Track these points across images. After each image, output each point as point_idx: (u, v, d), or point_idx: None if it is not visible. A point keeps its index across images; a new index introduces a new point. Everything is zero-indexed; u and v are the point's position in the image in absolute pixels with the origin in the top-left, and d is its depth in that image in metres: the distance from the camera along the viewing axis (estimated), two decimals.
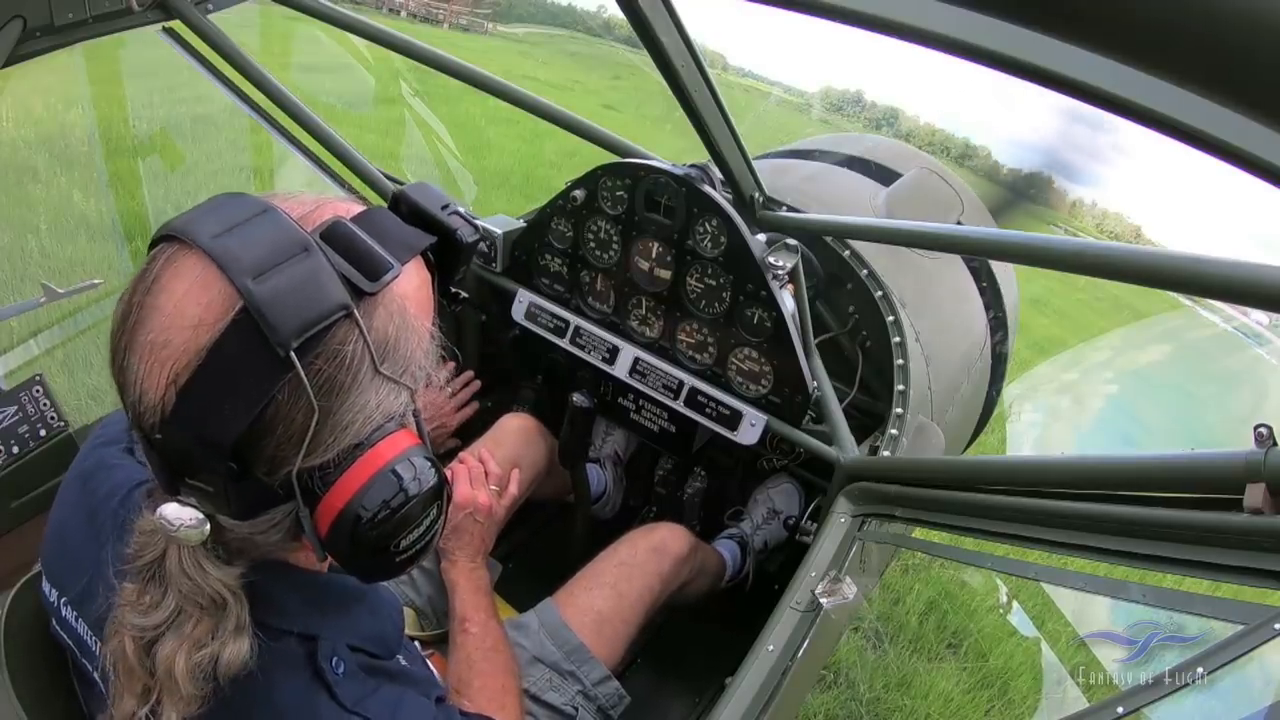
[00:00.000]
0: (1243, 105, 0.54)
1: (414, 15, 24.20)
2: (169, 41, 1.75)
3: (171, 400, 0.54)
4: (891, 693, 2.61)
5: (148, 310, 0.55)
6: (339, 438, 0.58)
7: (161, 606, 0.61)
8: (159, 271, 0.56)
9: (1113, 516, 0.97)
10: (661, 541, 1.53)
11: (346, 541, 0.60)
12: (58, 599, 0.78)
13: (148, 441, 0.57)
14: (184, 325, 0.54)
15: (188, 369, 0.53)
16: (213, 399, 0.54)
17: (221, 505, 0.59)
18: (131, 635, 0.61)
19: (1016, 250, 1.26)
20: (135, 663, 0.61)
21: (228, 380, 0.54)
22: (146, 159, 5.01)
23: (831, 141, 2.95)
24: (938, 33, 0.68)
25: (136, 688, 0.62)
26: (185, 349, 0.53)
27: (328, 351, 0.56)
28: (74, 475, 0.83)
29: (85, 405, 2.88)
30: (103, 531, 0.72)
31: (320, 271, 0.56)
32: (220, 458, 0.55)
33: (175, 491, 0.59)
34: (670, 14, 1.19)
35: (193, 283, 0.54)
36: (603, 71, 17.70)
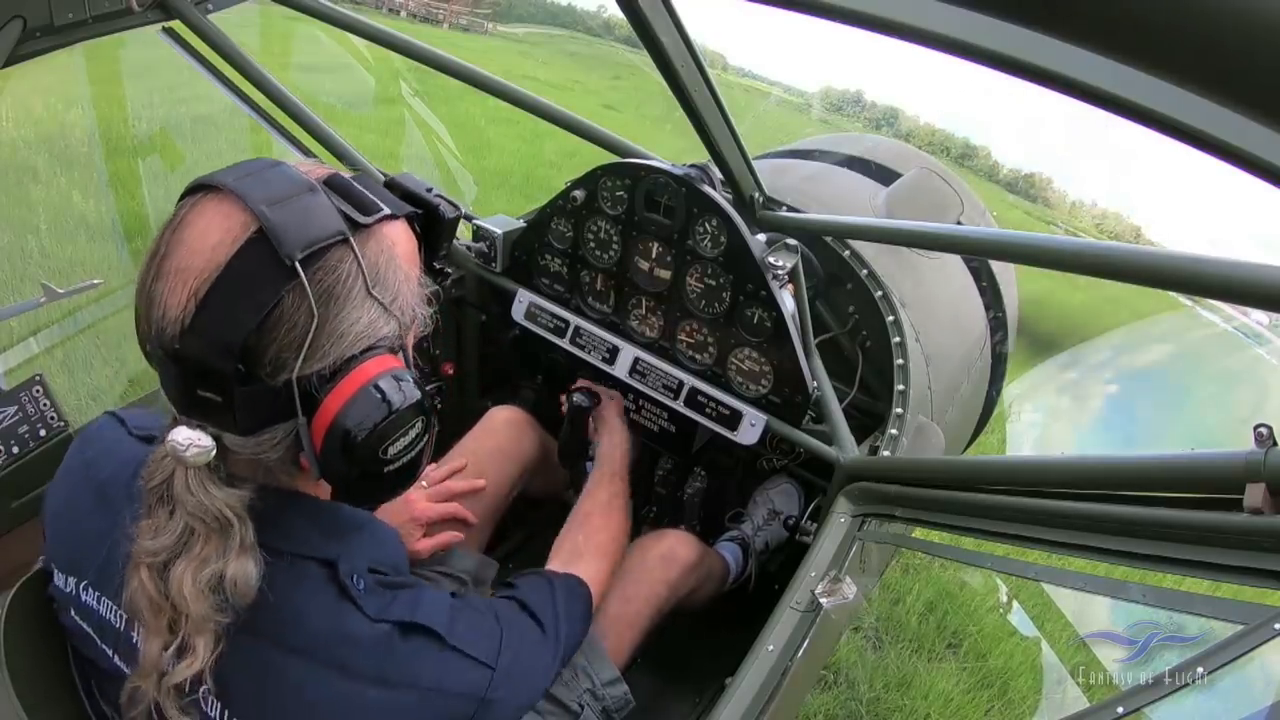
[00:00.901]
0: (1243, 105, 0.54)
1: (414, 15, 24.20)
2: (169, 41, 1.75)
3: (191, 311, 0.62)
4: (891, 693, 2.60)
5: (175, 244, 0.64)
6: (334, 346, 0.66)
7: (169, 528, 0.66)
8: (186, 214, 0.65)
9: (1113, 516, 0.97)
10: (670, 549, 1.53)
11: (339, 450, 0.67)
12: (75, 586, 0.78)
13: (168, 356, 0.64)
14: (205, 247, 0.62)
15: (207, 282, 0.62)
16: (228, 304, 0.62)
17: (228, 419, 0.65)
18: (146, 562, 0.66)
19: (1016, 250, 1.26)
20: (153, 590, 0.65)
21: (241, 287, 0.62)
22: (146, 159, 5.01)
23: (831, 141, 2.95)
24: (938, 33, 0.68)
25: (162, 622, 0.66)
26: (205, 266, 0.62)
27: (326, 266, 0.65)
28: (75, 465, 0.84)
29: (85, 405, 2.88)
30: (115, 504, 0.74)
31: (323, 205, 0.67)
32: (231, 358, 0.62)
33: (187, 409, 0.66)
34: (670, 14, 1.19)
35: (215, 214, 0.64)
36: (603, 71, 17.70)
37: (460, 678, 0.77)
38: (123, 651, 0.76)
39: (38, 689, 0.81)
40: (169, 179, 4.91)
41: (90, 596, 0.78)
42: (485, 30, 24.64)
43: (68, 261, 3.80)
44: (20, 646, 0.82)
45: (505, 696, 0.80)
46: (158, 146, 5.19)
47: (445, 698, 0.75)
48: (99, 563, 0.75)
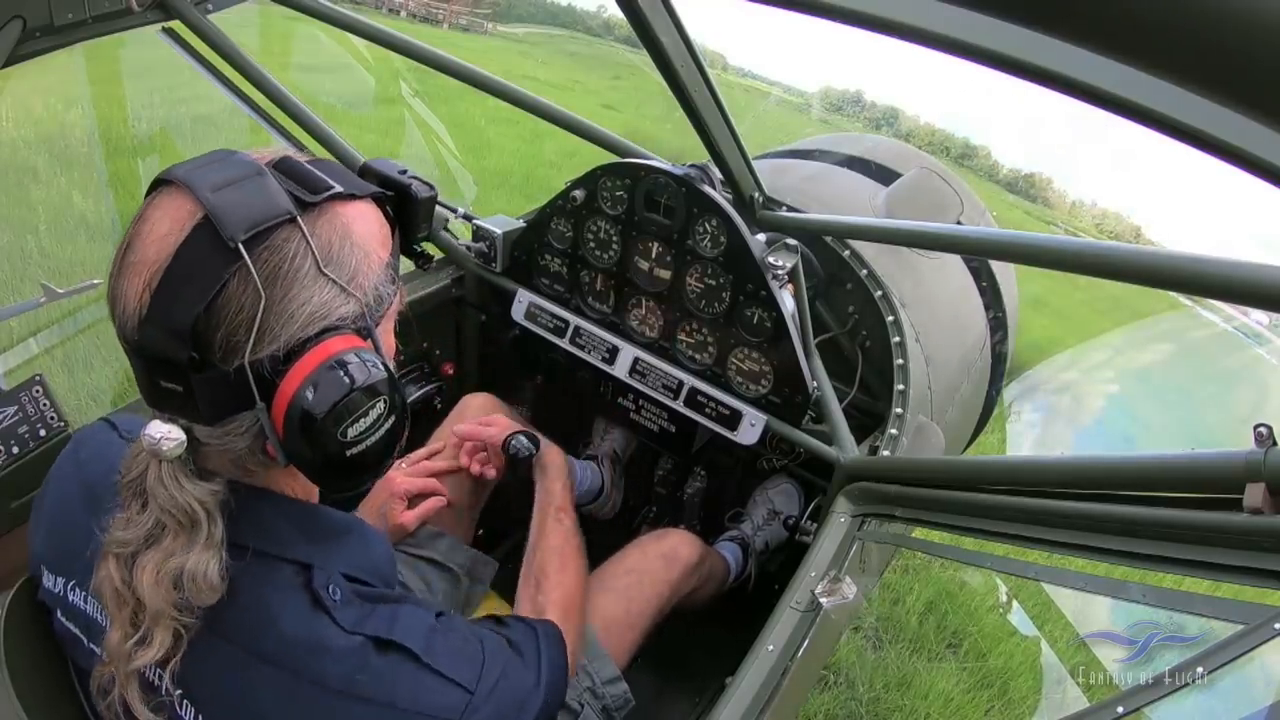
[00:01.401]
0: (1243, 105, 0.54)
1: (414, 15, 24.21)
2: (169, 41, 1.75)
3: (146, 301, 0.62)
4: (891, 693, 2.61)
5: (134, 238, 0.64)
6: (286, 326, 0.65)
7: (139, 522, 0.67)
8: (145, 209, 0.66)
9: (1113, 516, 0.97)
10: (672, 549, 1.52)
11: (298, 434, 0.65)
12: (64, 586, 0.78)
13: (131, 348, 0.65)
14: (156, 239, 0.63)
15: (159, 272, 0.62)
16: (176, 291, 0.62)
17: (192, 409, 0.66)
18: (115, 553, 0.67)
19: (1016, 250, 1.26)
20: (118, 580, 0.66)
21: (188, 273, 0.62)
22: (146, 159, 5.01)
23: (831, 141, 2.95)
24: (938, 33, 0.68)
25: (126, 613, 0.66)
26: (157, 257, 0.63)
27: (272, 246, 0.64)
28: (66, 467, 0.85)
29: (85, 405, 2.89)
30: (103, 504, 0.74)
31: (268, 186, 0.66)
32: (183, 345, 0.62)
33: (155, 401, 0.67)
34: (670, 14, 1.19)
35: (168, 206, 0.65)
36: (602, 72, 17.70)
37: (434, 699, 0.74)
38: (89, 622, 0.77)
39: (38, 689, 0.81)
40: None
41: (78, 596, 0.78)
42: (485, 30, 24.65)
43: (68, 261, 3.80)
44: (20, 646, 0.82)
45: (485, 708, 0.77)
46: (158, 146, 5.19)
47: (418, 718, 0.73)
48: (85, 562, 0.74)
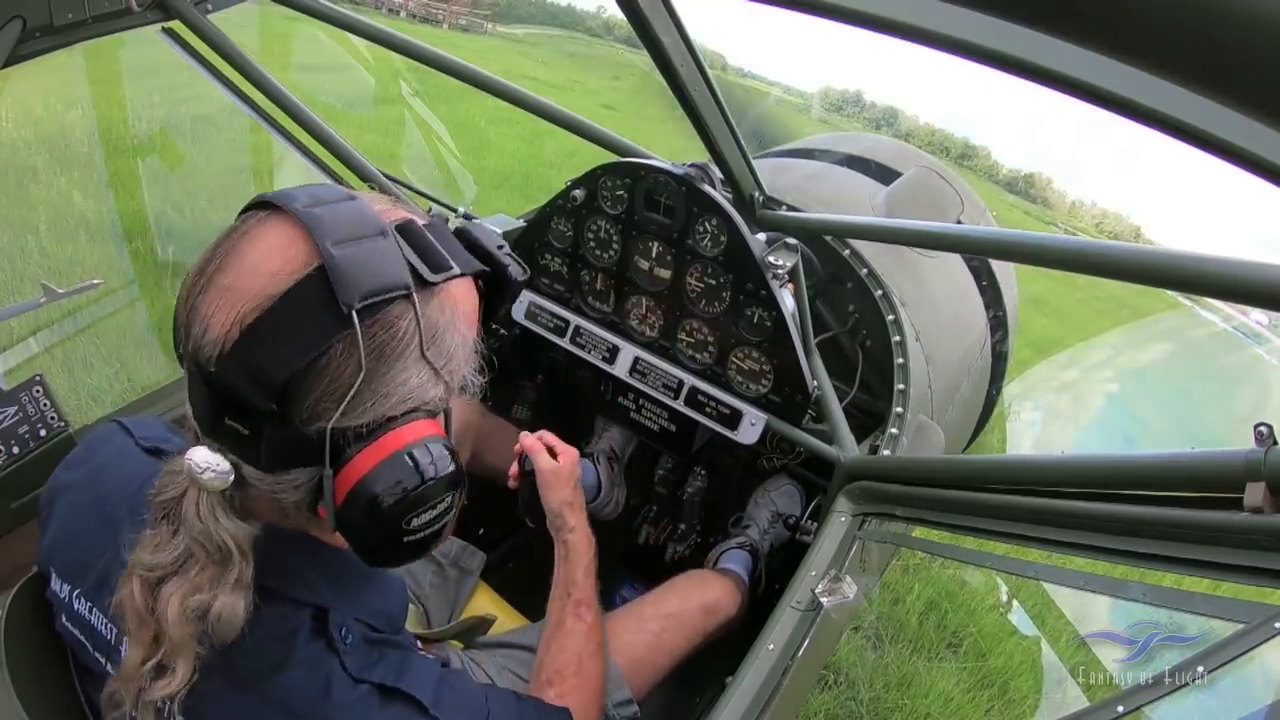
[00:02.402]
0: (1244, 104, 0.54)
1: (414, 15, 24.21)
2: (168, 41, 1.75)
3: (234, 337, 0.59)
4: (891, 692, 2.61)
5: (231, 259, 0.61)
6: (376, 404, 0.63)
7: (170, 546, 0.64)
8: (249, 228, 0.63)
9: (1113, 516, 0.97)
10: (716, 602, 1.47)
11: (360, 511, 0.63)
12: (69, 594, 0.78)
13: (202, 376, 0.61)
14: (260, 273, 0.60)
15: (255, 310, 0.59)
16: (273, 339, 0.59)
17: (252, 452, 0.63)
18: (140, 574, 0.64)
19: (1016, 250, 1.26)
20: (141, 604, 0.63)
21: (291, 325, 0.59)
22: (146, 159, 5.01)
23: (831, 141, 2.96)
24: (938, 32, 0.68)
25: (146, 635, 0.64)
26: (257, 294, 0.59)
27: (384, 321, 0.62)
28: (80, 472, 0.84)
29: (85, 405, 2.88)
30: (116, 518, 0.73)
31: (391, 253, 0.63)
32: (267, 396, 0.59)
33: (212, 433, 0.63)
34: (670, 14, 1.19)
35: (278, 240, 0.61)
36: (602, 72, 17.71)
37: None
38: (114, 661, 0.75)
39: (38, 689, 0.81)
40: (169, 179, 4.91)
41: (83, 606, 0.77)
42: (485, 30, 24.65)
43: (68, 261, 3.80)
44: (20, 646, 0.82)
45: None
46: (157, 146, 5.19)
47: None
48: (96, 575, 0.74)
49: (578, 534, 1.22)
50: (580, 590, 1.17)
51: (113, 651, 0.75)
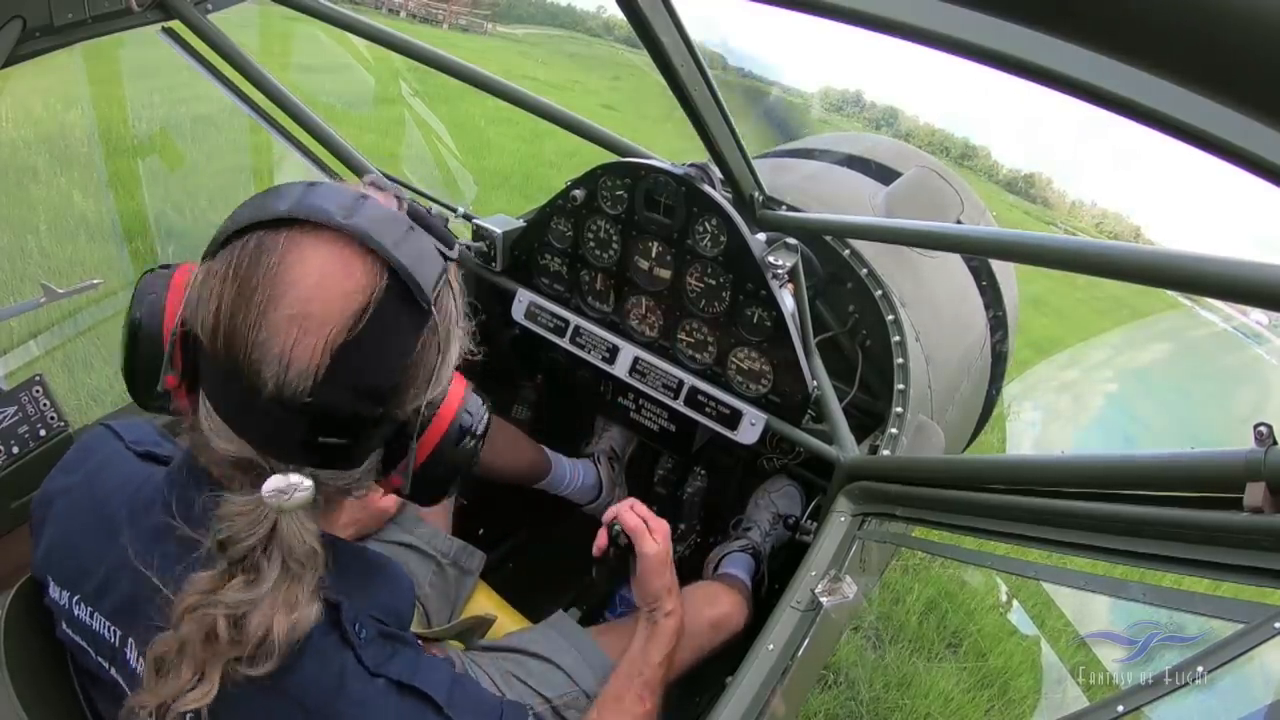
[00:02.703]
0: (1243, 105, 0.54)
1: (414, 15, 24.21)
2: (168, 41, 1.75)
3: (326, 363, 0.60)
4: (891, 692, 2.61)
5: (283, 288, 0.60)
6: (446, 373, 0.70)
7: (265, 577, 0.64)
8: (286, 254, 0.61)
9: (1113, 516, 0.97)
10: (725, 618, 1.45)
11: (441, 465, 0.72)
12: (69, 600, 0.77)
13: (291, 408, 0.61)
14: (332, 296, 0.60)
15: (343, 332, 0.60)
16: (371, 354, 0.62)
17: (340, 459, 0.67)
18: (224, 614, 0.63)
19: (1016, 250, 1.26)
20: (224, 637, 0.63)
21: (384, 336, 0.62)
22: (146, 159, 5.01)
23: (831, 141, 2.96)
24: (938, 32, 0.68)
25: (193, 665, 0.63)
26: (338, 316, 0.60)
27: (442, 305, 0.67)
28: (75, 477, 0.83)
29: (85, 405, 2.88)
30: (115, 523, 0.73)
31: (427, 243, 0.67)
32: (374, 405, 0.64)
33: (296, 457, 0.65)
34: (670, 14, 1.19)
35: (330, 258, 0.61)
36: (602, 72, 17.71)
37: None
38: (118, 666, 0.75)
39: (38, 689, 0.81)
40: (169, 179, 4.91)
41: (83, 611, 0.76)
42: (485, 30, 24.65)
43: (68, 261, 3.80)
44: (20, 647, 0.82)
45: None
46: (157, 146, 5.19)
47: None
48: (96, 581, 0.74)
49: (673, 618, 1.18)
50: (651, 672, 1.14)
51: (116, 654, 0.75)
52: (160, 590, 0.67)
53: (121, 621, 0.72)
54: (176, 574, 0.66)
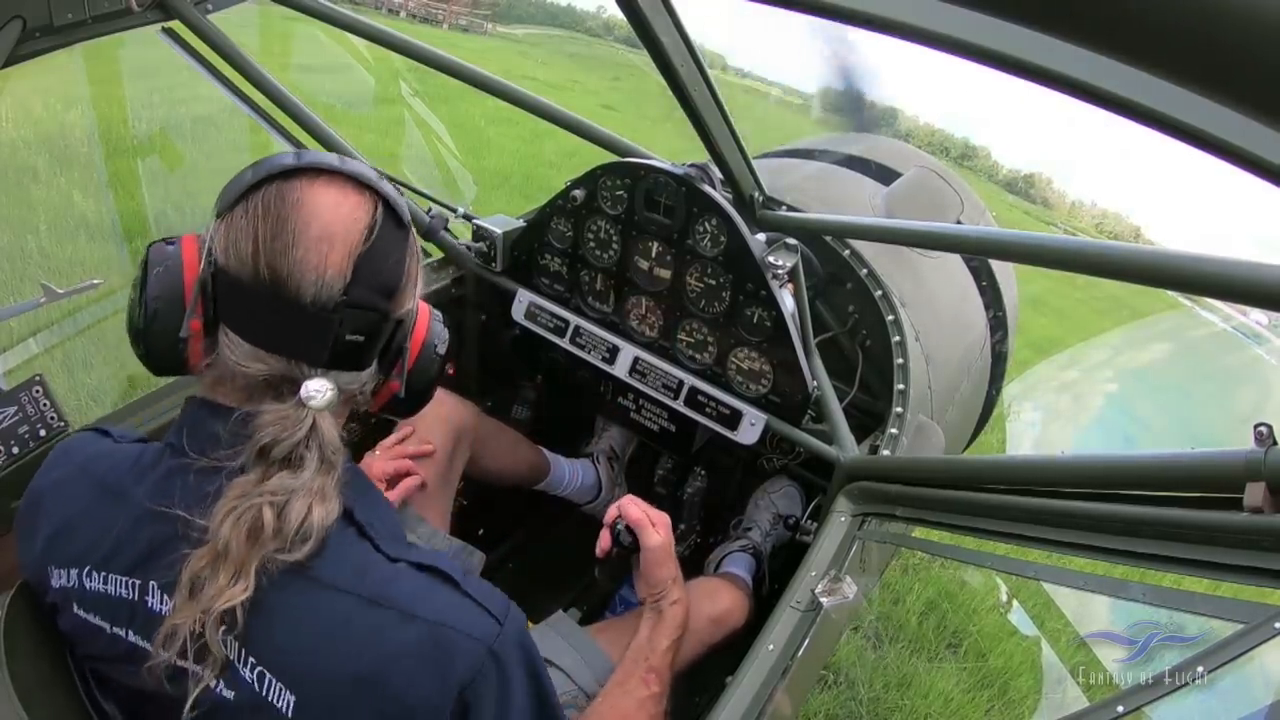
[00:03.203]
0: (1242, 105, 0.54)
1: (413, 15, 24.21)
2: (168, 42, 1.75)
3: (350, 268, 0.76)
4: (891, 693, 2.61)
5: (304, 219, 0.75)
6: (419, 284, 0.86)
7: (307, 466, 0.75)
8: (301, 194, 0.76)
9: (1113, 516, 0.97)
10: (726, 614, 1.46)
11: (426, 364, 0.87)
12: (78, 577, 0.79)
13: (326, 309, 0.75)
14: (345, 219, 0.76)
15: (360, 244, 0.76)
16: (381, 261, 0.78)
17: (357, 357, 0.79)
18: (269, 502, 0.72)
19: (1016, 250, 1.26)
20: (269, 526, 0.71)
21: (387, 246, 0.79)
22: (146, 159, 5.01)
23: (831, 141, 2.96)
24: (938, 33, 0.68)
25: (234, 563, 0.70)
26: (354, 233, 0.76)
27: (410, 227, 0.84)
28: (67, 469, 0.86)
29: (85, 405, 2.88)
30: (121, 489, 0.79)
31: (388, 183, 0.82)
32: (386, 300, 0.79)
33: (325, 359, 0.77)
34: (670, 14, 1.19)
35: (339, 193, 0.77)
36: (602, 72, 17.71)
37: (473, 620, 0.77)
38: (138, 622, 0.77)
39: (38, 689, 0.81)
40: (169, 179, 4.91)
41: (96, 580, 0.78)
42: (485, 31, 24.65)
43: (68, 261, 3.80)
44: (20, 646, 0.82)
45: (512, 657, 0.78)
46: (157, 146, 5.18)
47: (458, 636, 0.75)
48: (108, 546, 0.77)
49: (679, 606, 1.21)
50: (658, 659, 1.16)
51: (135, 610, 0.76)
52: (186, 519, 0.73)
53: (139, 572, 0.76)
54: (203, 497, 0.74)
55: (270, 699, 0.72)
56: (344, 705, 0.72)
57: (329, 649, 0.73)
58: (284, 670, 0.72)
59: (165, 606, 0.74)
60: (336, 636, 0.73)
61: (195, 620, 0.70)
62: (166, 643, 0.71)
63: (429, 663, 0.73)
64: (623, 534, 1.24)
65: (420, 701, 0.73)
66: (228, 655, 0.72)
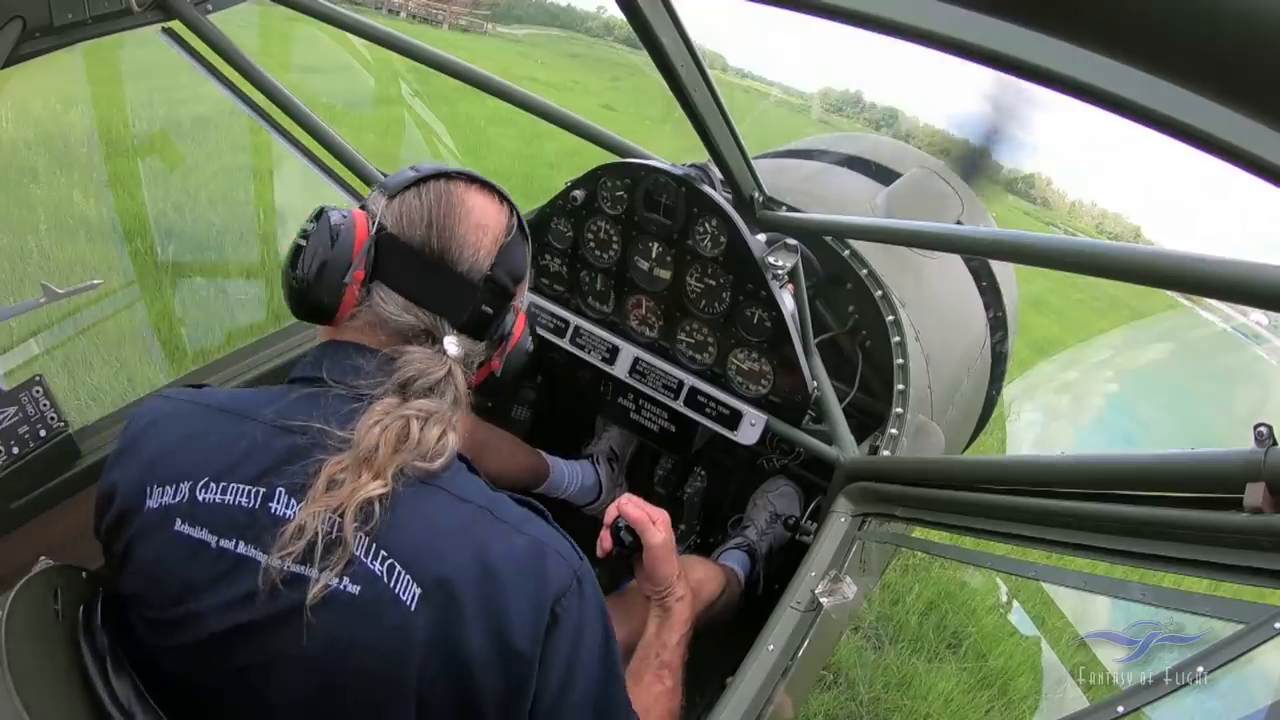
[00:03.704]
0: (1243, 105, 0.54)
1: (413, 16, 24.21)
2: (168, 42, 1.75)
3: (495, 252, 0.94)
4: (891, 693, 2.61)
5: (467, 209, 0.93)
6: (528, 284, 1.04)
7: (446, 398, 0.88)
8: (463, 193, 0.94)
9: (1113, 516, 0.97)
10: (697, 585, 1.44)
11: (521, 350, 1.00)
12: (188, 490, 0.81)
13: (474, 281, 0.92)
14: (494, 217, 0.96)
15: (502, 237, 0.95)
16: (515, 254, 0.97)
17: (485, 327, 0.94)
18: (415, 415, 0.83)
19: (1016, 250, 1.26)
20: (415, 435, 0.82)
21: (519, 246, 0.98)
22: (146, 159, 5.01)
23: (831, 141, 2.95)
24: (938, 33, 0.68)
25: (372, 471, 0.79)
26: (499, 227, 0.96)
27: None
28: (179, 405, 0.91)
29: (85, 405, 2.88)
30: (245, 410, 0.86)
31: None
32: (514, 283, 0.97)
33: (463, 323, 0.92)
34: (670, 14, 1.19)
35: (487, 197, 0.97)
36: (602, 73, 17.72)
37: (562, 545, 0.87)
38: (256, 530, 0.79)
39: (39, 689, 0.81)
40: (169, 179, 4.91)
41: (214, 491, 0.81)
42: (485, 31, 24.65)
43: (67, 261, 3.80)
44: (21, 646, 0.81)
45: (589, 584, 0.86)
46: (157, 146, 5.19)
47: (552, 555, 0.84)
48: (234, 456, 0.82)
49: (684, 602, 1.23)
50: (669, 654, 1.18)
51: (255, 517, 0.79)
52: (324, 429, 0.81)
53: (265, 479, 0.81)
54: (342, 413, 0.83)
55: (396, 591, 0.77)
56: (462, 599, 0.78)
57: (456, 546, 0.80)
58: (413, 562, 0.78)
59: (291, 510, 0.79)
60: (462, 536, 0.81)
61: (329, 514, 0.76)
62: (292, 539, 0.76)
63: (532, 573, 0.82)
64: (623, 534, 1.25)
65: (524, 603, 0.80)
66: (355, 551, 0.77)
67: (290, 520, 0.77)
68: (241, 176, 5.13)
